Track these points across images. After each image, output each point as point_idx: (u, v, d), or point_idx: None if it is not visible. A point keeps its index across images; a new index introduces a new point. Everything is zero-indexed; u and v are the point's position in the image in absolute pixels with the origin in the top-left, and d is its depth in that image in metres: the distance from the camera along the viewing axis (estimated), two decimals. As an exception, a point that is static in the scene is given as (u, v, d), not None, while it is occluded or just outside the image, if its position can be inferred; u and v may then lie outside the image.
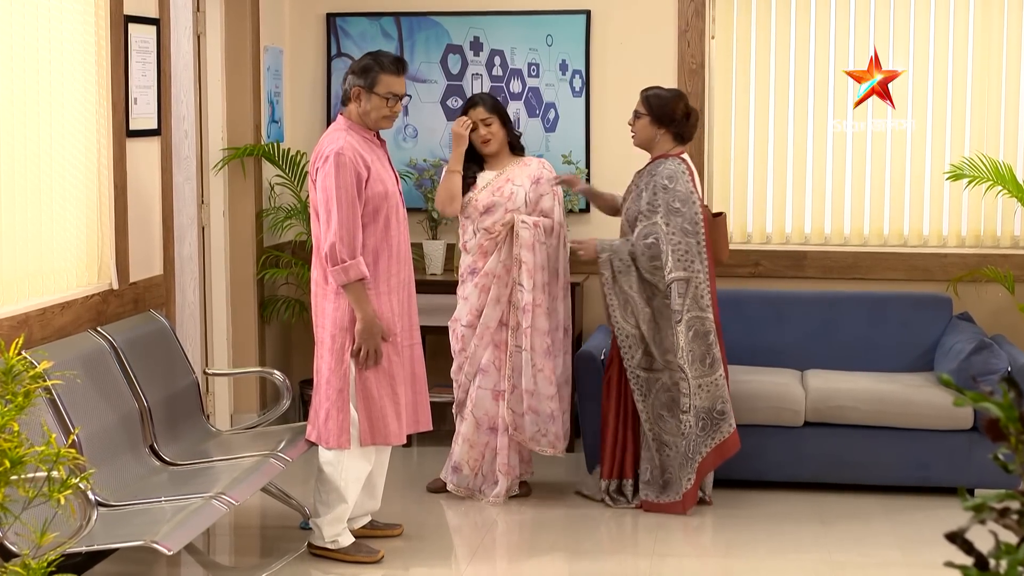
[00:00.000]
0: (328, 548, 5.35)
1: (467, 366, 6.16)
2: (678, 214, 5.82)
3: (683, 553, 5.63)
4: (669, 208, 5.83)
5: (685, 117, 5.98)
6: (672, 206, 5.83)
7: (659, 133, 5.98)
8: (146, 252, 5.82)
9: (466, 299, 6.14)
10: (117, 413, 5.02)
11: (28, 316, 4.84)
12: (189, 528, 4.40)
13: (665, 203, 5.84)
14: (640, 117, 6.02)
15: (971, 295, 7.07)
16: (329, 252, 5.10)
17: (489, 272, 6.09)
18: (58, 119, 5.11)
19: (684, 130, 6.00)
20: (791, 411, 6.24)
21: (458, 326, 6.16)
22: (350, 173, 5.12)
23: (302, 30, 7.54)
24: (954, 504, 6.03)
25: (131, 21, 5.61)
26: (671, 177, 5.86)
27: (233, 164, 6.99)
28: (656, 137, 5.99)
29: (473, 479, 6.18)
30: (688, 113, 6.00)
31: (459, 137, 6.06)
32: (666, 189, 5.85)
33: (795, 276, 7.22)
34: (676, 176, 5.86)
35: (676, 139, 6.00)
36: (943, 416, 6.14)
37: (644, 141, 6.04)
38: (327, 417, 5.24)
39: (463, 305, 6.15)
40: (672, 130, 5.98)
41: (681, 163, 5.92)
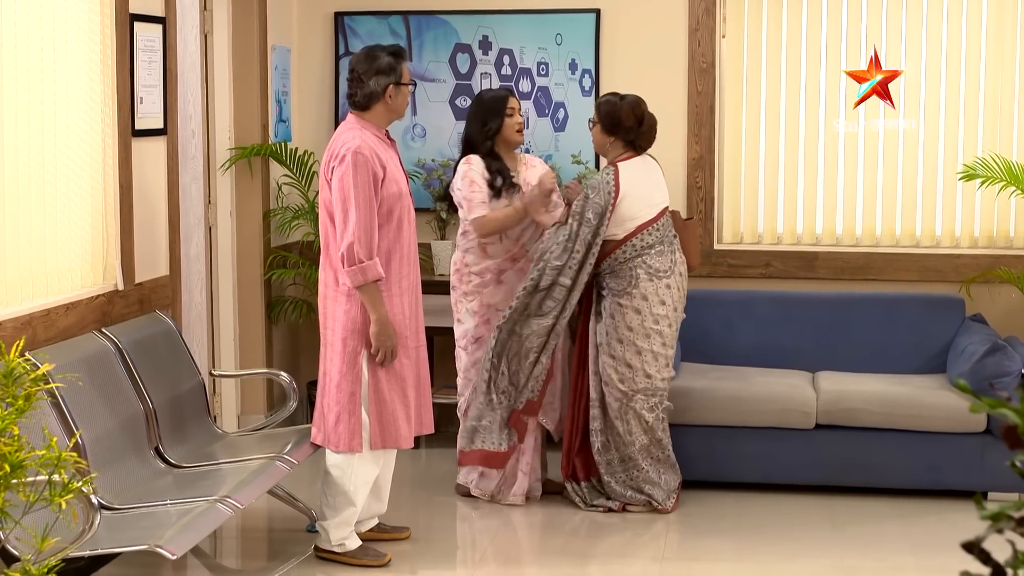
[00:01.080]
0: (335, 551, 5.31)
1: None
2: (588, 224, 5.85)
3: (692, 557, 5.58)
4: (583, 218, 5.86)
5: (637, 124, 5.97)
6: (586, 216, 5.86)
7: (609, 141, 6.00)
8: (152, 252, 5.78)
9: (503, 283, 6.06)
10: (122, 415, 4.98)
11: (32, 317, 4.80)
12: (193, 532, 4.35)
13: (582, 212, 5.87)
14: (594, 125, 6.06)
15: (984, 296, 7.02)
16: (346, 252, 5.05)
17: (517, 258, 6.10)
18: (63, 118, 5.07)
19: (636, 138, 5.99)
20: (802, 413, 6.19)
21: (491, 311, 6.06)
22: (367, 172, 5.08)
23: (310, 29, 7.50)
24: (967, 508, 5.99)
25: (137, 20, 5.57)
26: (593, 188, 5.90)
27: (240, 164, 6.95)
28: (607, 144, 6.02)
29: (499, 482, 6.14)
30: (640, 120, 5.98)
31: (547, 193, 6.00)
32: (587, 198, 5.89)
33: (806, 277, 7.17)
34: (598, 187, 5.89)
35: (628, 146, 6.00)
36: (956, 419, 6.09)
37: (599, 147, 6.12)
38: (337, 420, 5.20)
39: (498, 291, 6.06)
40: (622, 138, 5.98)
41: (610, 172, 5.92)
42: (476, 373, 6.07)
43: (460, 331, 6.15)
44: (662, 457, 5.98)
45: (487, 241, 6.06)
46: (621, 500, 5.97)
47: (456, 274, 6.15)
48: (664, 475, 5.99)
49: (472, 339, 6.09)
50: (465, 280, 6.12)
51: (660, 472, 5.98)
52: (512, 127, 6.10)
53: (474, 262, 6.10)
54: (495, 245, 6.07)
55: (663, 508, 5.95)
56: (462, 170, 6.06)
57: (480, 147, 6.09)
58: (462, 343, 6.14)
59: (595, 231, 5.85)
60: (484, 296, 6.07)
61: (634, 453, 5.93)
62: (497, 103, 6.10)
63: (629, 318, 5.88)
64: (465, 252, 6.11)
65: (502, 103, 6.09)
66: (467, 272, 6.11)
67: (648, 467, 5.95)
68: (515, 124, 6.11)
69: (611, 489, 5.98)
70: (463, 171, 6.05)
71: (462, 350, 6.14)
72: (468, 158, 6.07)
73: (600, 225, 5.85)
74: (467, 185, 6.01)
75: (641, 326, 5.88)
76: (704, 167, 7.15)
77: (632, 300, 5.89)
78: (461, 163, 6.09)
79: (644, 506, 5.97)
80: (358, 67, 5.28)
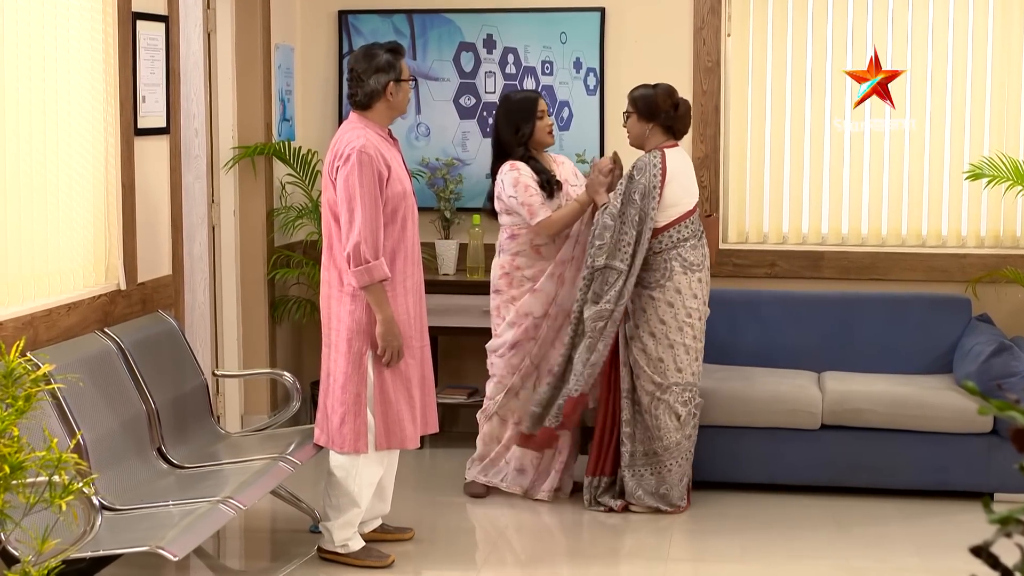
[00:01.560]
0: (338, 552, 5.28)
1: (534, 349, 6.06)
2: (633, 205, 5.81)
3: (697, 558, 5.56)
4: (628, 198, 5.82)
5: (673, 108, 5.96)
6: (631, 197, 5.82)
7: (648, 128, 5.97)
8: (154, 252, 5.76)
9: (538, 291, 6.03)
10: (124, 415, 4.95)
11: (34, 317, 4.78)
12: (196, 533, 4.33)
13: (627, 192, 5.83)
14: (629, 115, 6.02)
15: (990, 296, 6.98)
16: (353, 252, 5.02)
17: (563, 259, 6.05)
18: (64, 117, 5.05)
19: (674, 123, 5.98)
20: (808, 413, 6.16)
21: (529, 320, 6.05)
22: (372, 172, 5.05)
23: (314, 27, 7.48)
24: (974, 509, 5.94)
25: (139, 18, 5.55)
26: (639, 169, 5.86)
27: (244, 163, 6.93)
28: (646, 132, 5.98)
29: (536, 479, 6.15)
30: (676, 105, 5.96)
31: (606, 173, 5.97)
32: (631, 179, 5.85)
33: (812, 277, 7.13)
34: (644, 168, 5.85)
35: (667, 132, 5.99)
36: (962, 419, 6.06)
37: (636, 138, 6.05)
38: (343, 422, 5.17)
39: (533, 298, 6.03)
40: (661, 123, 5.96)
41: (657, 155, 5.88)
42: (510, 375, 6.06)
43: (497, 343, 6.12)
44: (687, 455, 5.95)
45: (541, 242, 6.04)
46: (629, 500, 5.94)
47: (505, 278, 6.10)
48: (685, 476, 5.97)
49: (509, 347, 6.08)
50: (517, 283, 6.08)
51: (682, 471, 5.95)
52: (544, 129, 6.11)
53: (527, 264, 6.07)
54: (549, 245, 6.05)
55: (677, 509, 5.91)
56: (511, 177, 6.01)
57: (514, 152, 6.08)
58: (499, 351, 6.11)
59: (641, 211, 5.81)
60: (522, 305, 6.05)
61: (660, 449, 5.90)
62: (527, 106, 6.09)
63: (662, 311, 5.86)
64: (515, 255, 6.08)
65: (532, 106, 6.09)
66: (519, 276, 6.07)
67: (672, 463, 5.91)
68: (546, 126, 6.12)
69: (625, 484, 5.94)
70: (513, 178, 6.00)
71: (498, 358, 6.12)
72: (514, 164, 6.04)
73: (648, 206, 5.80)
74: (523, 191, 5.98)
75: (674, 319, 5.86)
76: (709, 166, 7.12)
77: (665, 293, 5.87)
78: (507, 171, 6.03)
79: (647, 509, 5.94)
80: (357, 66, 5.25)
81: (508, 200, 6.01)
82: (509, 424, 6.17)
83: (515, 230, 6.06)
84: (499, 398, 6.13)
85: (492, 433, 6.22)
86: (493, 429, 6.22)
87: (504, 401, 6.13)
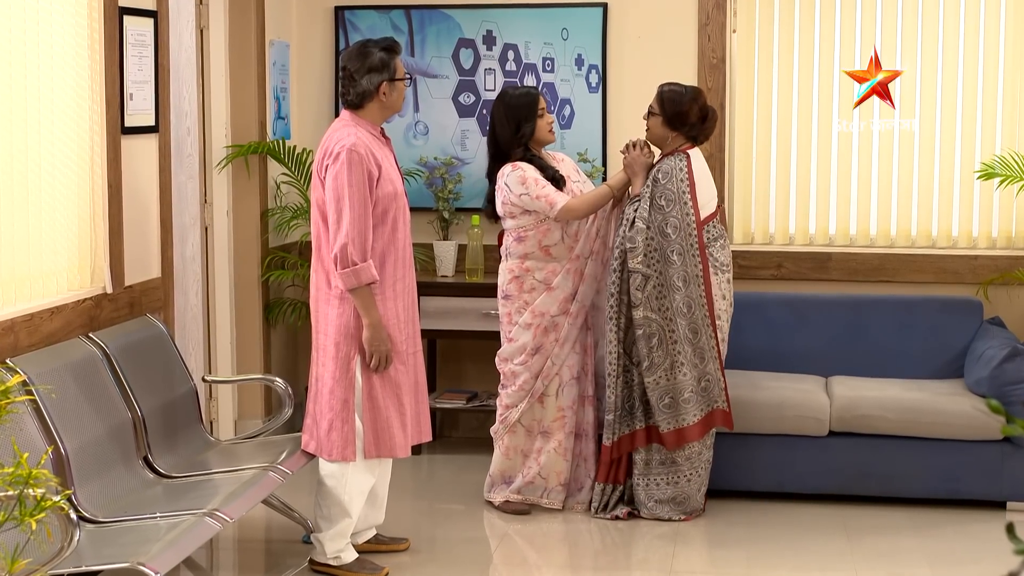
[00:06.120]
0: (330, 564, 5.14)
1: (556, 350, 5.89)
2: (660, 211, 5.68)
3: (702, 569, 5.44)
4: (654, 203, 5.69)
5: (701, 120, 5.82)
6: (657, 203, 5.69)
7: (671, 135, 5.83)
8: (143, 254, 5.61)
9: (554, 289, 5.87)
10: (109, 423, 4.80)
11: (14, 322, 4.63)
12: (179, 548, 4.17)
13: (652, 197, 5.70)
14: (653, 115, 5.86)
15: (1002, 299, 6.85)
16: (340, 254, 4.88)
17: (581, 255, 5.89)
18: (48, 115, 4.91)
19: (698, 133, 5.86)
20: (815, 420, 6.03)
21: (546, 319, 5.87)
22: (362, 171, 4.91)
23: (309, 23, 7.34)
24: (986, 519, 5.83)
25: (127, 13, 5.40)
26: (666, 173, 5.73)
27: (237, 162, 6.79)
28: (668, 138, 5.85)
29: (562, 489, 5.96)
30: (704, 116, 5.82)
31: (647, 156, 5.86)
32: (656, 183, 5.72)
33: (819, 278, 7.00)
34: (671, 173, 5.72)
35: (689, 140, 5.87)
36: (974, 426, 5.92)
37: (656, 139, 5.91)
38: (330, 428, 5.04)
39: (549, 297, 5.87)
40: (685, 133, 5.82)
41: (683, 159, 5.75)
42: (533, 379, 5.88)
43: (514, 348, 5.92)
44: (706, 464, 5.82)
45: (550, 242, 5.86)
46: (638, 508, 5.80)
47: (515, 282, 5.91)
48: (704, 485, 5.84)
49: (531, 352, 5.89)
50: (528, 287, 5.89)
51: (701, 480, 5.82)
52: (545, 128, 5.95)
53: (537, 267, 5.89)
54: (559, 245, 5.88)
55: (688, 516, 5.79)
56: (516, 177, 5.82)
57: (514, 152, 5.90)
58: (519, 359, 5.90)
59: (667, 218, 5.68)
60: (538, 305, 5.88)
61: (680, 458, 5.76)
62: (528, 105, 5.92)
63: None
64: (523, 258, 5.89)
65: (533, 104, 5.92)
66: (530, 280, 5.89)
67: (691, 472, 5.77)
68: (547, 124, 5.96)
69: (635, 494, 5.80)
70: (518, 177, 5.81)
71: (519, 366, 5.90)
72: (516, 164, 5.85)
73: (683, 212, 5.68)
74: (534, 185, 5.80)
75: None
76: (714, 165, 6.95)
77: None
78: (509, 172, 5.84)
79: (653, 519, 5.80)
80: (350, 65, 5.10)
81: (519, 200, 5.82)
82: (536, 435, 5.95)
83: (522, 232, 5.88)
84: (522, 406, 5.93)
85: (516, 446, 5.98)
86: (517, 441, 5.98)
87: (527, 408, 5.94)
